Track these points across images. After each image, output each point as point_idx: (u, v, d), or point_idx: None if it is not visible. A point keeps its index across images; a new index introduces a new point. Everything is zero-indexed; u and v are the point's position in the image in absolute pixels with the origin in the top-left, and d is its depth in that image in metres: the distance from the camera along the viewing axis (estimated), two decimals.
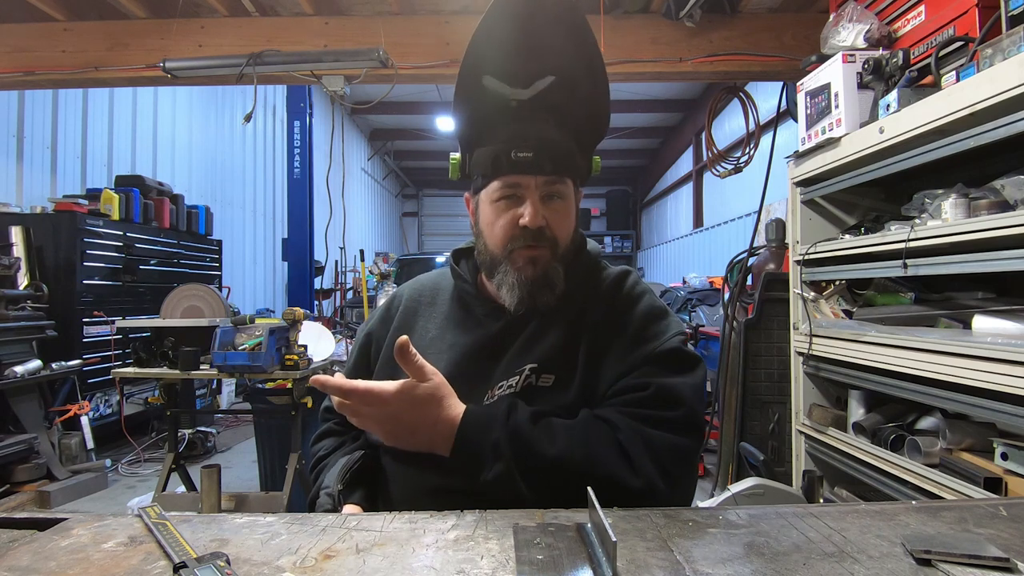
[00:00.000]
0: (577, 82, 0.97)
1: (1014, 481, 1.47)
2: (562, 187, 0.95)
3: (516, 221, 0.94)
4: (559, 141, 0.95)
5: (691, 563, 0.58)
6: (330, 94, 3.33)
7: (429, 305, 1.08)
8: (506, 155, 0.93)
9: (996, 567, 0.56)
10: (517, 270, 0.94)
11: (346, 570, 0.58)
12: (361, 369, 1.09)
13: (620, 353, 0.93)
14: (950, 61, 1.72)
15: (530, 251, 0.94)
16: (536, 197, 0.93)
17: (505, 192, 0.95)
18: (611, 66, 3.26)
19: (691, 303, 5.73)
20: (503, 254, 0.96)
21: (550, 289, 0.95)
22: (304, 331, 2.89)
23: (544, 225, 0.93)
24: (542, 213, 0.93)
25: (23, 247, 3.96)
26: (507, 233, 0.95)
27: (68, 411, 3.84)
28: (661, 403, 0.87)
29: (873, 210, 2.19)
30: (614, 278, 1.03)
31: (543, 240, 0.94)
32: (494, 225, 0.96)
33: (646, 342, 0.94)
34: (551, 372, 0.93)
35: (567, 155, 0.95)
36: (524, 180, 0.93)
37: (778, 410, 2.72)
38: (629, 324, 0.96)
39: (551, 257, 0.95)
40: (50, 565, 0.59)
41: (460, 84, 0.97)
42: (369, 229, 13.40)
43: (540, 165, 0.92)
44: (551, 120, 0.96)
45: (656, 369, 0.91)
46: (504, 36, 0.93)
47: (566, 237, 0.97)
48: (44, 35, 3.29)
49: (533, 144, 0.92)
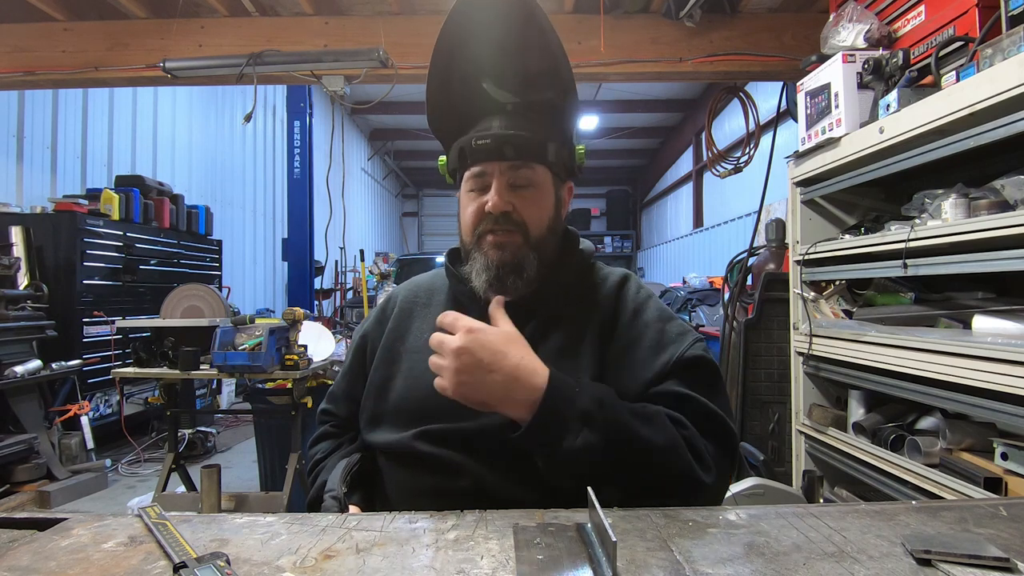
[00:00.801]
0: (533, 69, 0.97)
1: (1014, 481, 1.47)
2: (529, 173, 0.95)
3: (482, 208, 0.95)
4: (522, 128, 0.95)
5: (691, 563, 0.58)
6: (330, 94, 3.33)
7: (424, 306, 1.08)
8: (468, 145, 0.95)
9: (996, 567, 0.56)
10: (484, 255, 0.95)
11: (346, 570, 0.58)
12: (356, 371, 1.08)
13: (642, 360, 0.92)
14: (950, 61, 1.72)
15: (497, 236, 0.95)
16: (502, 183, 0.94)
17: (475, 182, 0.97)
18: (611, 66, 3.29)
19: (691, 303, 5.73)
20: (472, 241, 0.97)
21: (518, 274, 0.95)
22: (304, 331, 2.89)
23: (510, 210, 0.94)
24: (507, 198, 0.94)
25: (23, 247, 3.96)
26: (475, 220, 0.96)
27: (68, 411, 3.84)
28: (703, 417, 0.87)
29: (873, 210, 2.19)
30: (616, 281, 1.03)
31: (510, 224, 0.94)
32: (464, 214, 0.98)
33: (666, 347, 0.93)
34: None
35: (530, 142, 0.95)
36: (488, 167, 0.95)
37: (778, 410, 2.72)
38: (644, 329, 0.95)
39: (522, 242, 0.95)
40: (50, 565, 0.59)
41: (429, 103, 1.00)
42: (369, 229, 13.39)
43: (500, 151, 0.93)
44: (515, 112, 0.97)
45: (689, 381, 0.90)
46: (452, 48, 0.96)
47: (539, 223, 0.96)
48: (44, 35, 3.29)
49: (494, 133, 0.94)
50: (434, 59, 0.97)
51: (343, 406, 1.11)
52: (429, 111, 1.02)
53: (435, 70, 0.98)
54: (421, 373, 0.94)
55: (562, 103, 0.99)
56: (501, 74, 0.96)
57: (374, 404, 1.01)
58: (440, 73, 0.98)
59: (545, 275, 0.97)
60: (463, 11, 0.94)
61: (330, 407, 1.13)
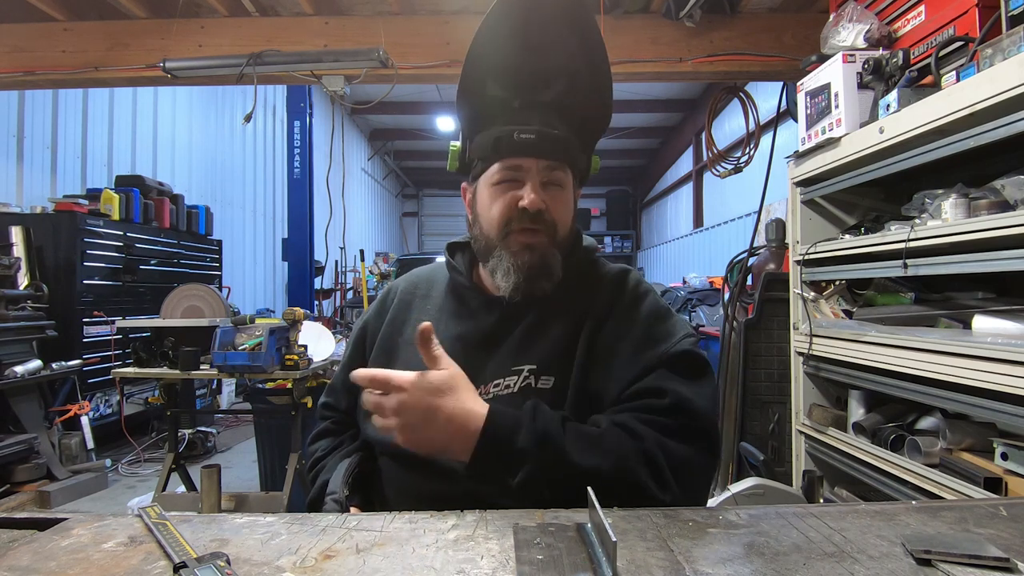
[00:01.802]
0: (579, 79, 0.96)
1: (1014, 481, 1.47)
2: (562, 175, 0.96)
3: (515, 203, 0.93)
4: (562, 129, 0.95)
5: (691, 563, 0.58)
6: (330, 94, 3.33)
7: (424, 297, 1.08)
8: (508, 136, 0.93)
9: (996, 567, 0.56)
10: (513, 255, 0.93)
11: (346, 570, 0.58)
12: (356, 361, 1.09)
13: (631, 354, 0.91)
14: (950, 61, 1.72)
15: (528, 236, 0.93)
16: (537, 181, 0.93)
17: (506, 175, 0.94)
18: (611, 66, 3.27)
19: (691, 303, 5.73)
20: (499, 237, 0.95)
21: (547, 277, 0.94)
22: (304, 331, 2.89)
23: (544, 208, 0.93)
24: (542, 197, 0.93)
25: (23, 247, 3.96)
26: (505, 215, 0.94)
27: (68, 411, 3.84)
28: (678, 414, 0.85)
29: (873, 210, 2.19)
30: (615, 275, 1.02)
31: (541, 223, 0.93)
32: (491, 207, 0.95)
33: (657, 343, 0.92)
34: (550, 374, 0.92)
35: (569, 144, 0.95)
36: (526, 163, 0.93)
37: (778, 410, 2.72)
38: (636, 323, 0.94)
39: (549, 243, 0.94)
40: (50, 565, 0.59)
41: (463, 83, 0.97)
42: (369, 229, 13.39)
43: (542, 148, 0.92)
44: (553, 113, 0.96)
45: (671, 374, 0.88)
46: (506, 35, 0.93)
47: (565, 225, 0.97)
48: (44, 35, 3.29)
49: (535, 128, 0.92)
50: (486, 33, 0.93)
51: (342, 398, 1.11)
52: (464, 87, 0.97)
53: (486, 45, 0.93)
54: (417, 365, 0.94)
55: (598, 117, 1.00)
56: (557, 76, 0.95)
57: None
58: (490, 49, 0.93)
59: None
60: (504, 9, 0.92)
61: (329, 400, 1.14)
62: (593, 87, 0.98)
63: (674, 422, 0.84)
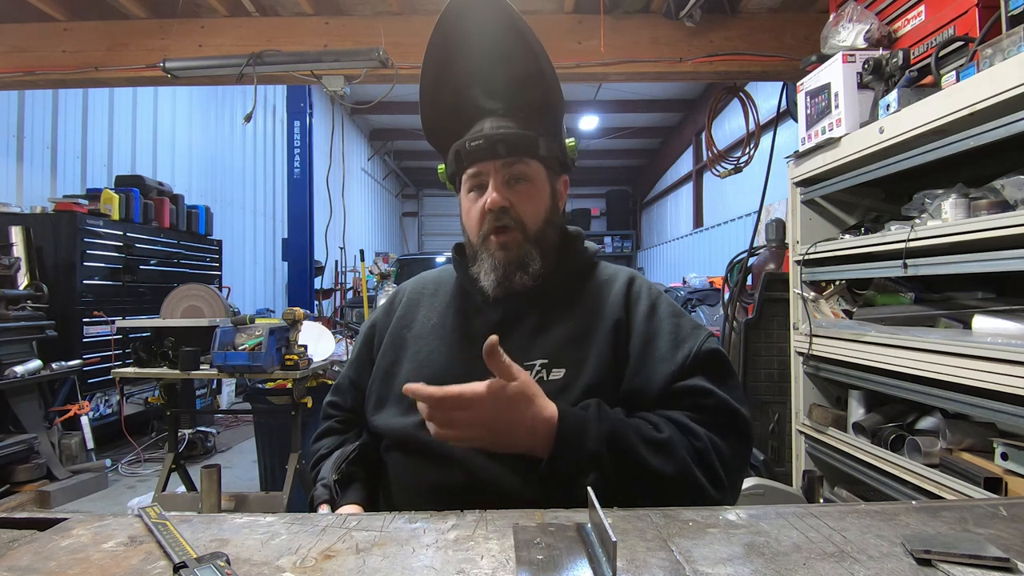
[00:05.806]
0: (517, 72, 1.00)
1: (1014, 481, 1.47)
2: (523, 167, 0.99)
3: (484, 207, 0.98)
4: (511, 126, 0.99)
5: (691, 563, 0.58)
6: (330, 94, 3.33)
7: (432, 296, 1.11)
8: (463, 147, 0.99)
9: (996, 567, 0.56)
10: (491, 255, 0.98)
11: (346, 570, 0.58)
12: (364, 360, 1.11)
13: (663, 354, 0.94)
14: (950, 61, 1.72)
15: (500, 235, 0.97)
16: (498, 180, 0.98)
17: (472, 183, 1.00)
18: (611, 66, 3.29)
19: (691, 303, 5.73)
20: (479, 242, 1.00)
21: (524, 270, 0.98)
22: (304, 331, 2.89)
23: (507, 205, 0.97)
24: (504, 194, 0.97)
25: (23, 247, 3.96)
26: (479, 220, 0.99)
27: (68, 411, 3.84)
28: (723, 414, 0.90)
29: (873, 210, 2.19)
30: (625, 279, 1.05)
31: (508, 220, 0.97)
32: (468, 215, 1.02)
33: (684, 341, 0.96)
34: (561, 367, 0.94)
35: (521, 138, 0.98)
36: (483, 167, 0.98)
37: (778, 410, 2.72)
38: (661, 324, 0.98)
39: (522, 239, 0.98)
40: (50, 565, 0.59)
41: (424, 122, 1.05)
42: (369, 229, 13.38)
43: (493, 149, 0.97)
44: (501, 113, 1.00)
45: (708, 374, 0.93)
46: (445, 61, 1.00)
47: (535, 217, 1.00)
48: (44, 35, 3.29)
49: (486, 133, 0.97)
50: (424, 75, 1.01)
51: (348, 396, 1.12)
52: (424, 124, 1.06)
53: (426, 86, 1.02)
54: (426, 356, 1.00)
55: (549, 101, 1.02)
56: (489, 82, 1.00)
57: (380, 387, 1.03)
58: (431, 88, 1.02)
59: (548, 266, 1.00)
60: (447, 26, 0.98)
61: (335, 399, 1.15)
62: (533, 74, 1.00)
63: (721, 421, 0.90)
